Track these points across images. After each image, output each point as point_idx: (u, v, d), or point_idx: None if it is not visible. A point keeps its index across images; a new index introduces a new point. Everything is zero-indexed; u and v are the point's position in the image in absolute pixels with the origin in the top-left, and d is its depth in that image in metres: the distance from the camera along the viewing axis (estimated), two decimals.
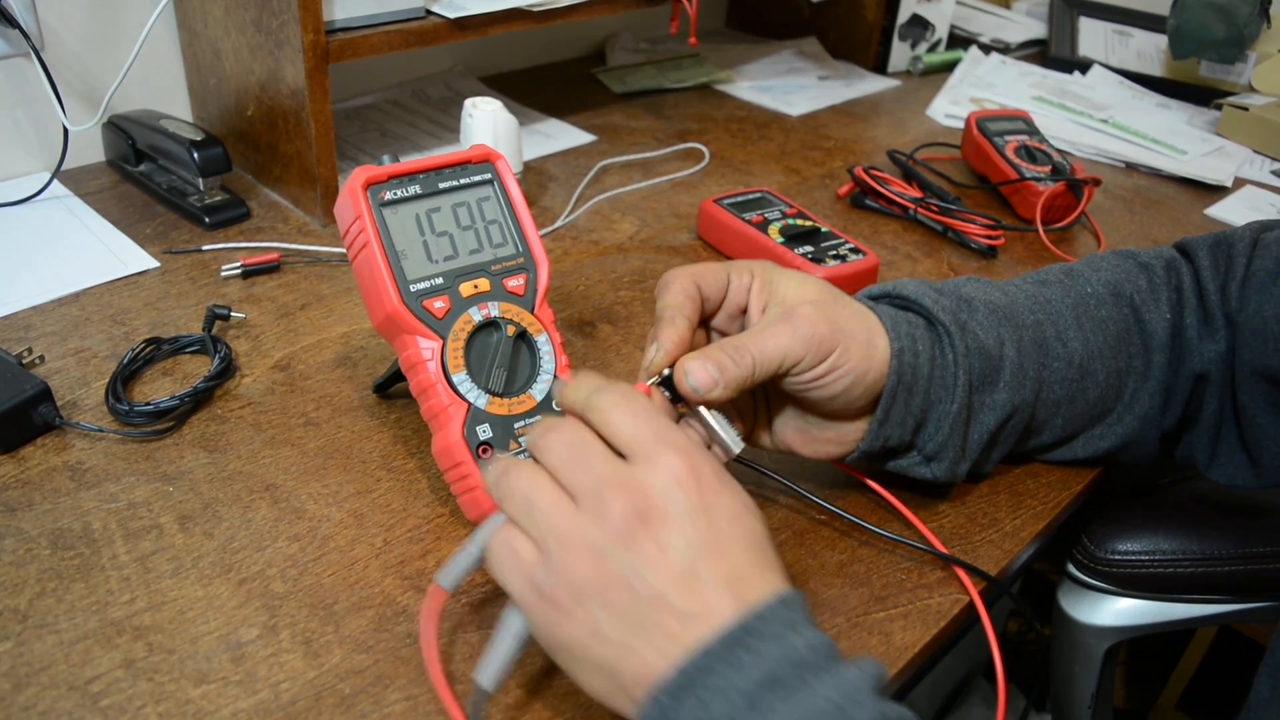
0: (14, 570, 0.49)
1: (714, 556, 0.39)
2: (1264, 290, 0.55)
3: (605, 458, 0.41)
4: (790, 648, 0.37)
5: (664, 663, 0.37)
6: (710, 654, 0.37)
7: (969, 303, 0.56)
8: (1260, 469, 0.57)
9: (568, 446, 0.41)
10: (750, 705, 0.36)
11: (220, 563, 0.51)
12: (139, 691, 0.44)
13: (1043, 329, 0.56)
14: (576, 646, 0.39)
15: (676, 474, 0.40)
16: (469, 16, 0.84)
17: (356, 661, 0.46)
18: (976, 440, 0.55)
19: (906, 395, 0.52)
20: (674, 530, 0.39)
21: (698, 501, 0.40)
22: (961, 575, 0.53)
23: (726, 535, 0.40)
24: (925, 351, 0.53)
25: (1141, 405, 0.58)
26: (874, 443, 0.53)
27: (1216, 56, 1.25)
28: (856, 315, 0.51)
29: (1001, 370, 0.54)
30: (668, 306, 0.50)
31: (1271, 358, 0.53)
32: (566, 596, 0.39)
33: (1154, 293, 0.59)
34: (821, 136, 1.12)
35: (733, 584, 0.39)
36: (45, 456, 0.57)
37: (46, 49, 0.85)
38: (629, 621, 0.38)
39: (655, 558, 0.38)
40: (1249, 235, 0.58)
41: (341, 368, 0.67)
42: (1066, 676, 0.78)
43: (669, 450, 0.40)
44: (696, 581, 0.38)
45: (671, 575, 0.38)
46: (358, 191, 0.52)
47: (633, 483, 0.40)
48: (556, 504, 0.40)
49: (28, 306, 0.70)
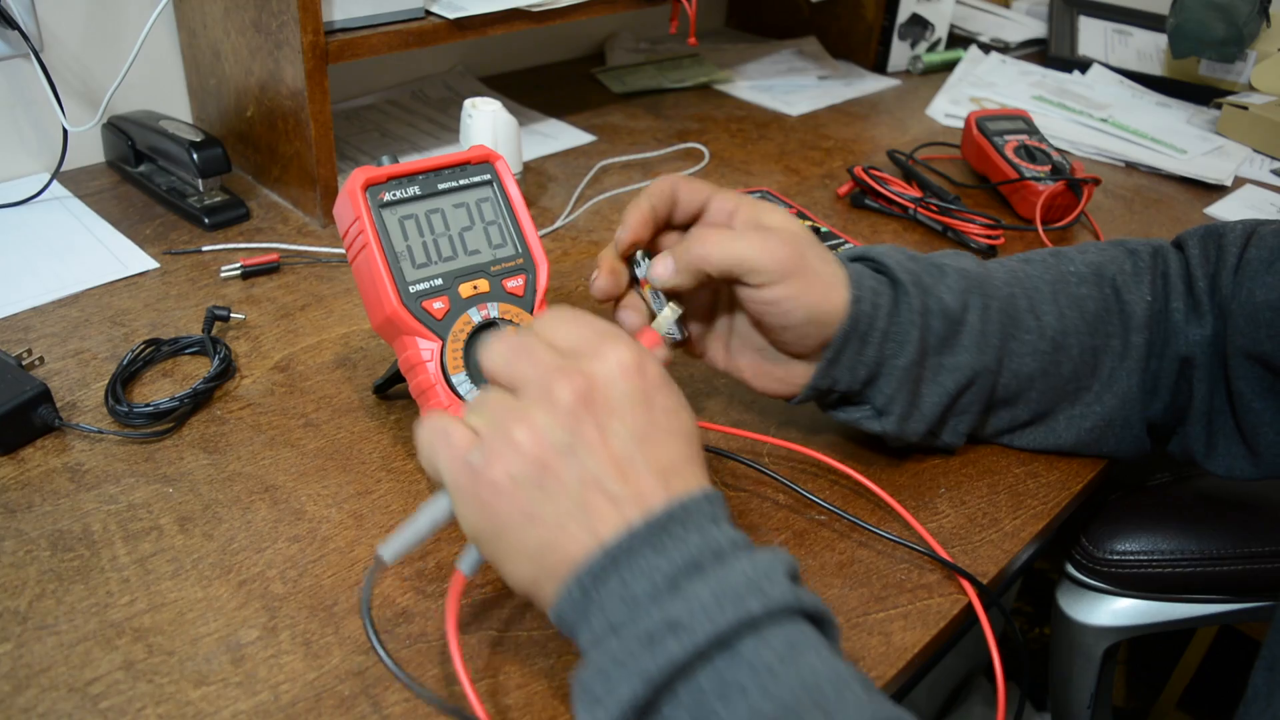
0: (14, 572, 0.49)
1: (650, 445, 0.40)
2: (1256, 277, 0.55)
3: (550, 351, 0.42)
4: (711, 538, 0.39)
5: (594, 543, 0.39)
6: (636, 537, 0.38)
7: (940, 268, 0.58)
8: (1258, 458, 0.57)
9: (512, 347, 0.42)
10: (670, 585, 0.37)
11: (220, 564, 0.51)
12: (139, 693, 0.44)
13: (1016, 301, 0.58)
14: (507, 529, 0.40)
15: (622, 364, 0.41)
16: (468, 17, 0.84)
17: (356, 663, 0.46)
18: (933, 401, 0.56)
19: (859, 343, 0.54)
20: (615, 416, 0.40)
21: (640, 391, 0.41)
22: (960, 578, 0.53)
23: (663, 427, 0.41)
24: (885, 306, 0.55)
25: (1120, 384, 0.59)
26: (821, 381, 0.55)
27: (1216, 55, 1.25)
28: (826, 260, 0.54)
29: (961, 333, 0.56)
30: (641, 195, 0.56)
31: (1265, 343, 0.54)
32: (502, 475, 0.39)
33: (1137, 275, 0.60)
34: (821, 136, 1.12)
35: (664, 474, 0.40)
36: (45, 458, 0.57)
37: (46, 50, 0.85)
38: (563, 502, 0.39)
39: (595, 441, 0.39)
40: (1241, 228, 0.59)
41: (341, 369, 0.67)
42: (1066, 676, 0.78)
43: (614, 343, 0.42)
44: (632, 467, 0.40)
45: (609, 458, 0.39)
46: (357, 193, 0.52)
47: (577, 371, 0.40)
48: (500, 397, 0.41)
49: (27, 308, 0.70)
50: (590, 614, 0.38)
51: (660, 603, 0.37)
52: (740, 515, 0.57)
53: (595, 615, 0.38)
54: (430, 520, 0.43)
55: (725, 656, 0.36)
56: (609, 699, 0.36)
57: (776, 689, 0.35)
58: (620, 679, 0.36)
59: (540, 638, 0.48)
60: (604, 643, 0.37)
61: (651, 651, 0.36)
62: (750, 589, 0.37)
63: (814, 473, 0.60)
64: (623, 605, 0.38)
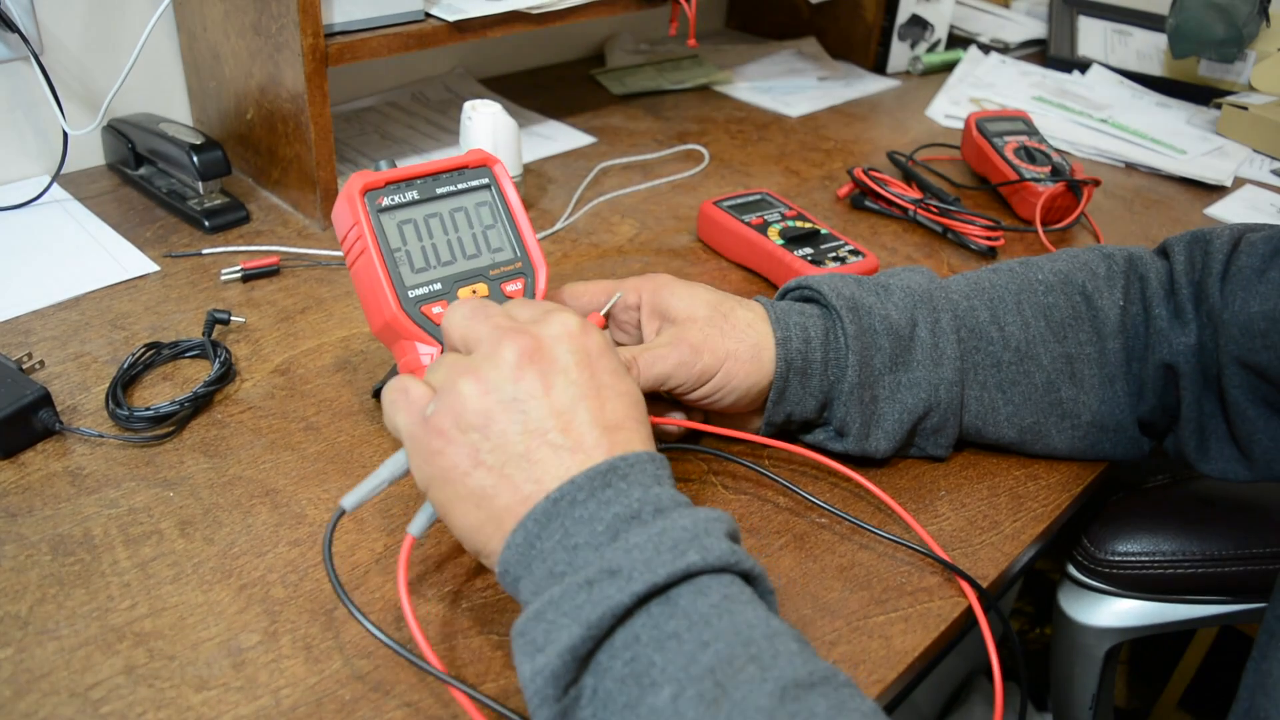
0: (14, 576, 0.49)
1: (594, 401, 0.42)
2: (1248, 287, 0.55)
3: (501, 313, 0.45)
4: (653, 494, 0.41)
5: (537, 492, 0.40)
6: (579, 486, 0.40)
7: (885, 288, 0.59)
8: (1252, 462, 0.57)
9: (470, 310, 0.46)
10: (611, 535, 0.39)
11: (221, 568, 0.51)
12: (140, 698, 0.44)
13: (976, 314, 0.59)
14: (454, 476, 0.42)
15: (567, 328, 0.44)
16: (468, 19, 0.84)
17: (357, 667, 0.46)
18: (895, 419, 0.57)
19: (800, 378, 0.56)
20: (559, 372, 0.43)
21: (583, 354, 0.43)
22: (960, 580, 0.53)
23: (608, 388, 0.43)
24: (817, 336, 0.56)
25: (1102, 390, 0.59)
26: (774, 417, 0.57)
27: (1216, 56, 1.24)
28: (744, 329, 0.55)
29: (913, 349, 0.57)
30: None
31: (1260, 354, 0.54)
32: (451, 424, 0.42)
33: (1110, 280, 0.60)
34: (821, 137, 1.12)
35: (608, 429, 0.42)
36: (45, 462, 0.57)
37: (46, 53, 0.85)
38: (508, 451, 0.41)
39: (538, 393, 0.42)
40: (1229, 234, 0.59)
41: (341, 372, 0.67)
42: (1067, 677, 0.78)
43: (561, 313, 0.45)
44: (575, 420, 0.42)
45: (552, 410, 0.42)
46: (355, 198, 0.52)
47: (525, 331, 0.44)
48: (455, 356, 0.45)
49: (28, 311, 0.70)
50: (532, 563, 0.40)
51: (600, 551, 0.39)
52: (741, 518, 0.57)
53: (537, 563, 0.40)
54: (390, 471, 0.46)
55: (662, 605, 0.37)
56: (549, 646, 0.37)
57: (712, 639, 0.36)
58: (560, 626, 0.37)
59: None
60: (545, 590, 0.39)
61: (591, 597, 0.37)
62: (690, 542, 0.38)
63: (814, 475, 0.60)
64: (563, 552, 0.39)
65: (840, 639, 0.49)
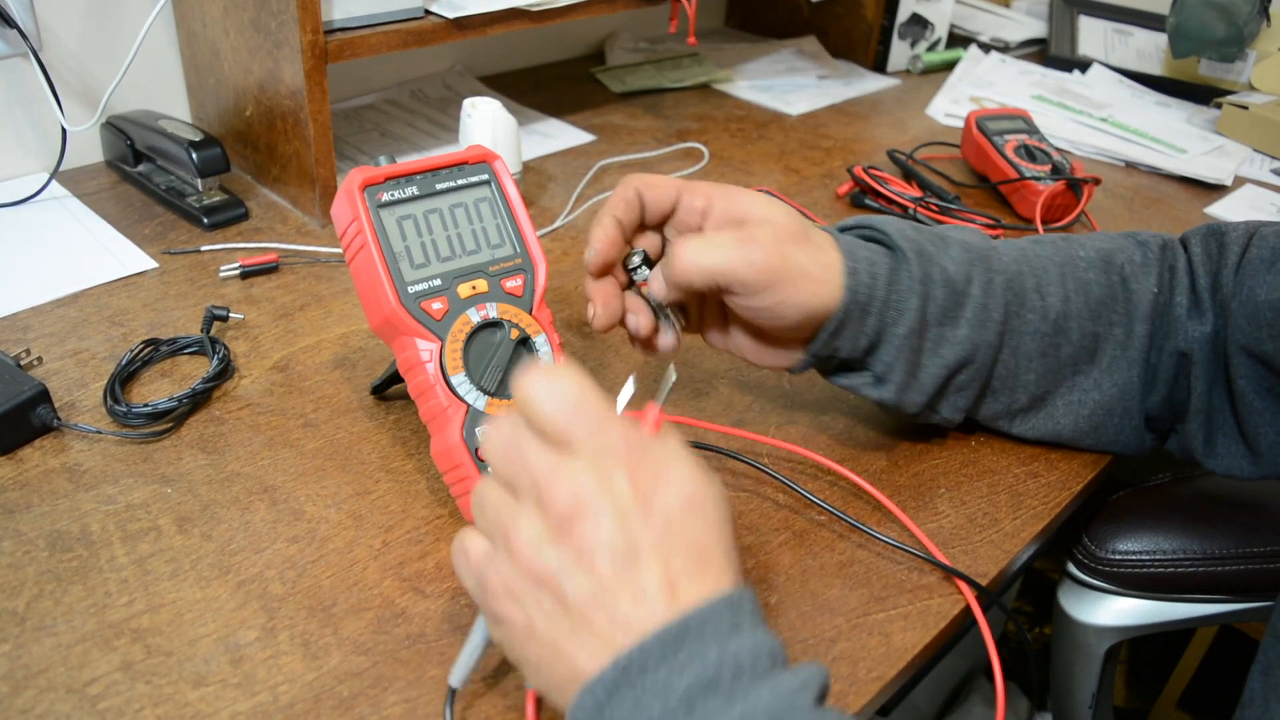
0: (12, 572, 0.49)
1: (652, 556, 0.37)
2: (1257, 276, 0.55)
3: (539, 451, 0.39)
4: (730, 653, 0.36)
5: (593, 664, 0.36)
6: (648, 652, 0.36)
7: (944, 239, 0.57)
8: (1259, 457, 0.57)
9: (503, 442, 0.40)
10: (686, 707, 0.35)
11: (219, 564, 0.51)
12: (137, 694, 0.44)
13: (1023, 279, 0.58)
14: (514, 642, 0.40)
15: (612, 469, 0.38)
16: (467, 16, 0.84)
17: (355, 664, 0.46)
18: (933, 373, 0.56)
19: (860, 314, 0.54)
20: (606, 529, 0.37)
21: (633, 499, 0.38)
22: (957, 580, 0.53)
23: (665, 533, 0.38)
24: (883, 275, 0.54)
25: (1120, 373, 0.59)
26: (822, 350, 0.55)
27: (1216, 55, 1.24)
28: (815, 250, 0.53)
29: (964, 305, 0.56)
30: (606, 206, 0.55)
31: (1265, 343, 0.54)
32: (503, 592, 0.39)
33: (1145, 266, 0.60)
34: (821, 136, 1.12)
35: (670, 585, 0.37)
36: (43, 458, 0.57)
37: (45, 49, 0.85)
38: (559, 621, 0.38)
39: (586, 557, 0.37)
40: (1244, 228, 0.59)
41: (340, 369, 0.67)
42: (1067, 676, 0.78)
43: (604, 443, 0.38)
44: (629, 583, 0.37)
45: (603, 576, 0.37)
46: (355, 193, 0.52)
47: (567, 479, 0.38)
48: (499, 500, 0.40)
49: (26, 307, 0.70)
50: None
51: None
52: (740, 515, 0.57)
53: None
54: (480, 636, 0.44)
55: None
56: None
57: None
58: None
59: None
60: None
61: None
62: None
63: (813, 473, 0.60)
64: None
65: (840, 636, 0.49)
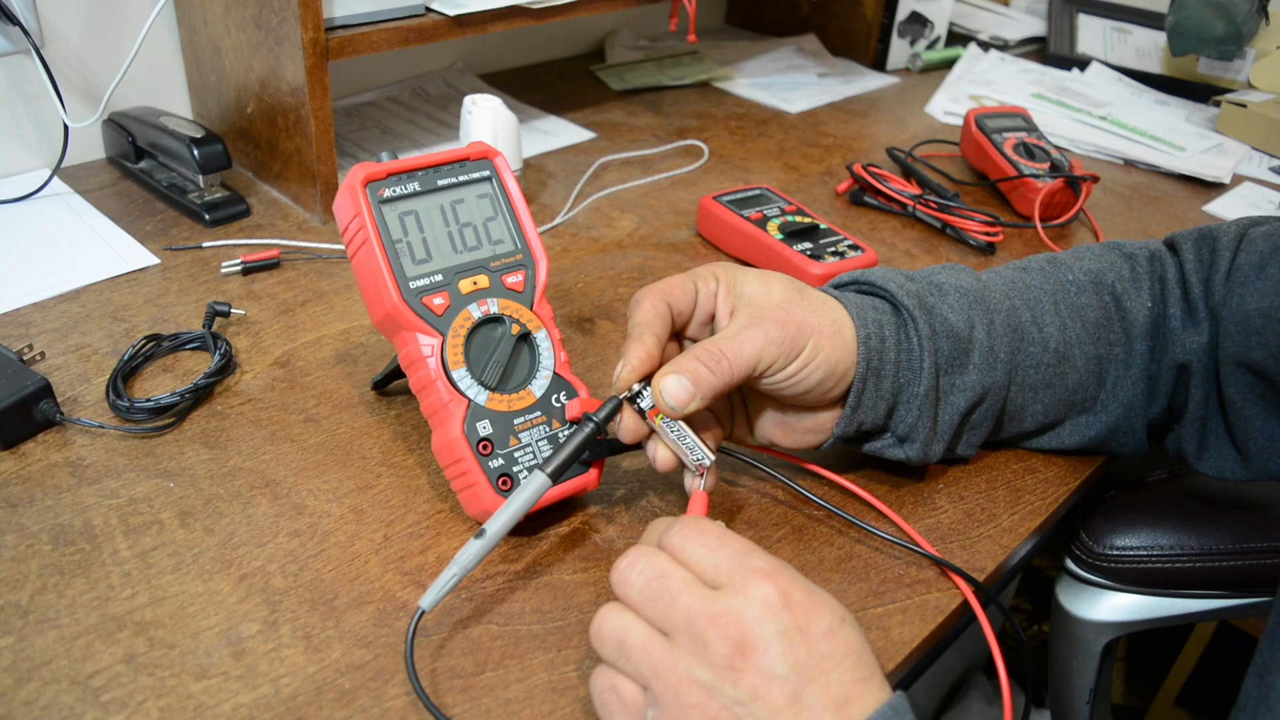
0: (15, 566, 0.50)
1: (817, 680, 0.38)
2: (1246, 284, 0.55)
3: (690, 588, 0.40)
4: None
5: None
6: None
7: (939, 287, 0.57)
8: (1248, 461, 0.57)
9: (648, 580, 0.41)
10: None
11: (221, 558, 0.51)
12: (140, 686, 0.44)
13: (1018, 314, 0.58)
14: None
15: (767, 599, 0.39)
16: (468, 14, 0.84)
17: (357, 656, 0.46)
18: (948, 421, 0.56)
19: (875, 380, 0.54)
20: (774, 659, 0.38)
21: (792, 624, 0.39)
22: (955, 577, 0.53)
23: (825, 654, 0.39)
24: (891, 336, 0.54)
25: (1125, 392, 0.59)
26: (848, 428, 0.55)
27: (1215, 53, 1.25)
28: (821, 307, 0.53)
29: (971, 352, 0.56)
30: (637, 324, 0.52)
31: (1255, 351, 0.54)
32: None
33: (1136, 281, 0.60)
34: (820, 134, 1.12)
35: (839, 705, 0.38)
36: (46, 453, 0.57)
37: (47, 46, 0.85)
38: None
39: (761, 690, 0.38)
40: (1234, 230, 0.59)
41: (341, 364, 0.67)
42: (1065, 672, 0.79)
43: (755, 576, 0.40)
44: (803, 708, 0.38)
45: (779, 706, 0.38)
46: (357, 189, 0.53)
47: (726, 614, 0.39)
48: (649, 641, 0.40)
49: (28, 303, 0.70)
50: None
51: None
52: (740, 509, 0.57)
53: None
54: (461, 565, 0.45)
55: None
56: None
57: None
58: None
59: (540, 631, 0.48)
60: None
61: None
62: None
63: (811, 470, 0.60)
64: None
65: None
